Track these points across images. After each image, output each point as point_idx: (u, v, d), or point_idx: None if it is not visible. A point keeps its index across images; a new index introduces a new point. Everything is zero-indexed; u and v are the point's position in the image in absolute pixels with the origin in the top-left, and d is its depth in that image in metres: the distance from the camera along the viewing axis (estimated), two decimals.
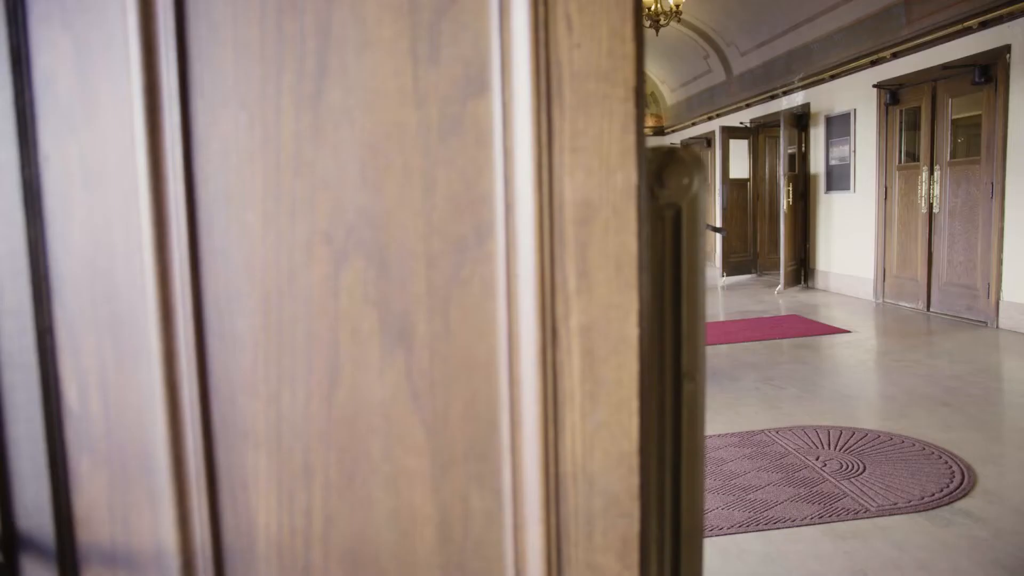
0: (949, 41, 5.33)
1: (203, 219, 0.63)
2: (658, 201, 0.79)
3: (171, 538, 0.64)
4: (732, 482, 2.58)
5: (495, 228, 0.61)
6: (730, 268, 8.42)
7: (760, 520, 2.27)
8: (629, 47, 0.59)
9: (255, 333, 0.64)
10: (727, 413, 3.41)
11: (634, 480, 0.65)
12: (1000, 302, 5.01)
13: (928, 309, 5.84)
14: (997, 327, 5.05)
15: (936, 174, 5.68)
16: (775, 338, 5.13)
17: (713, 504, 2.40)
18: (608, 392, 0.63)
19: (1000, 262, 4.99)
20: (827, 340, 5.02)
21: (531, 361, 0.62)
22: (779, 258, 7.46)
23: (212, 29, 0.62)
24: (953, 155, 5.55)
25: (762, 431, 3.12)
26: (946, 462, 2.67)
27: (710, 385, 3.92)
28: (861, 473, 2.60)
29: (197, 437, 0.64)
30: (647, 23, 6.47)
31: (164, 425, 0.64)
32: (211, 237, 0.63)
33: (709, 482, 2.59)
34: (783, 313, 6.21)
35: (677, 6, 6.30)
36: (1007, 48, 4.81)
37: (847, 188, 6.88)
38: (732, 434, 3.10)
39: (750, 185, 8.93)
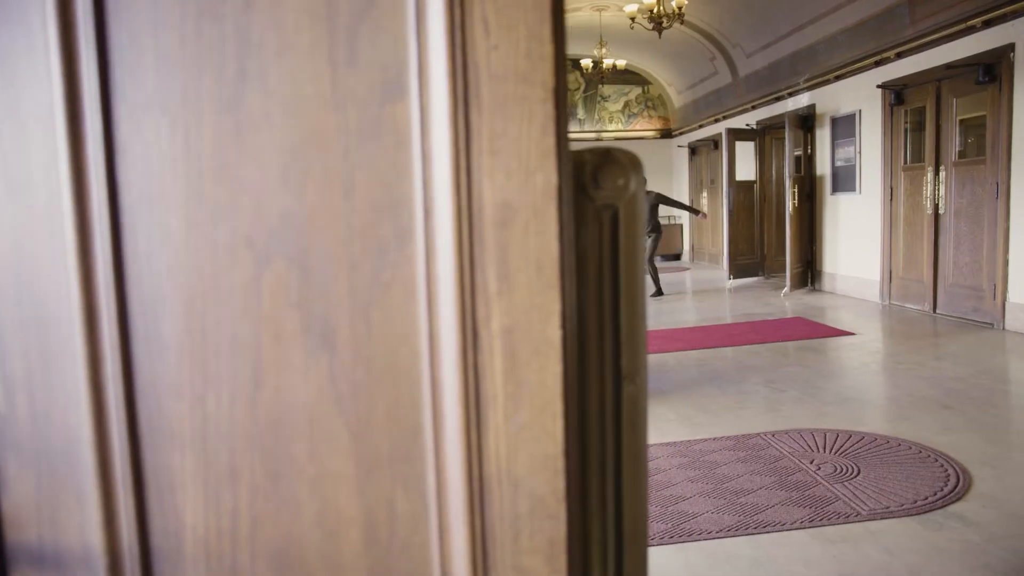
0: (953, 40, 5.29)
1: (127, 224, 0.64)
2: (595, 203, 0.79)
3: (98, 538, 0.65)
4: (724, 486, 2.56)
5: (415, 231, 0.62)
6: (737, 270, 8.38)
7: (750, 524, 2.25)
8: (547, 48, 0.59)
9: (180, 336, 0.65)
10: (726, 416, 3.39)
11: (560, 482, 0.65)
12: (1006, 303, 4.95)
13: (934, 311, 5.78)
14: (1004, 329, 4.99)
15: (941, 174, 5.62)
16: (779, 341, 5.09)
17: (704, 508, 2.38)
18: (531, 394, 0.63)
19: (1006, 263, 4.93)
20: (831, 343, 4.98)
21: (452, 363, 0.62)
22: (785, 260, 7.41)
23: (133, 36, 0.62)
24: (959, 155, 5.50)
25: (758, 434, 3.09)
26: (942, 465, 2.64)
27: (710, 388, 3.90)
28: (855, 476, 2.58)
29: (123, 439, 0.65)
30: (650, 25, 6.46)
31: (90, 427, 0.64)
32: (135, 242, 0.64)
33: (702, 486, 2.57)
34: (788, 316, 6.17)
35: (679, 8, 6.29)
36: (1011, 47, 4.76)
37: (853, 189, 6.83)
38: (728, 437, 3.08)
39: (757, 187, 8.88)
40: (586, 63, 9.15)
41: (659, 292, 7.71)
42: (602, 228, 0.78)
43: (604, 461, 0.80)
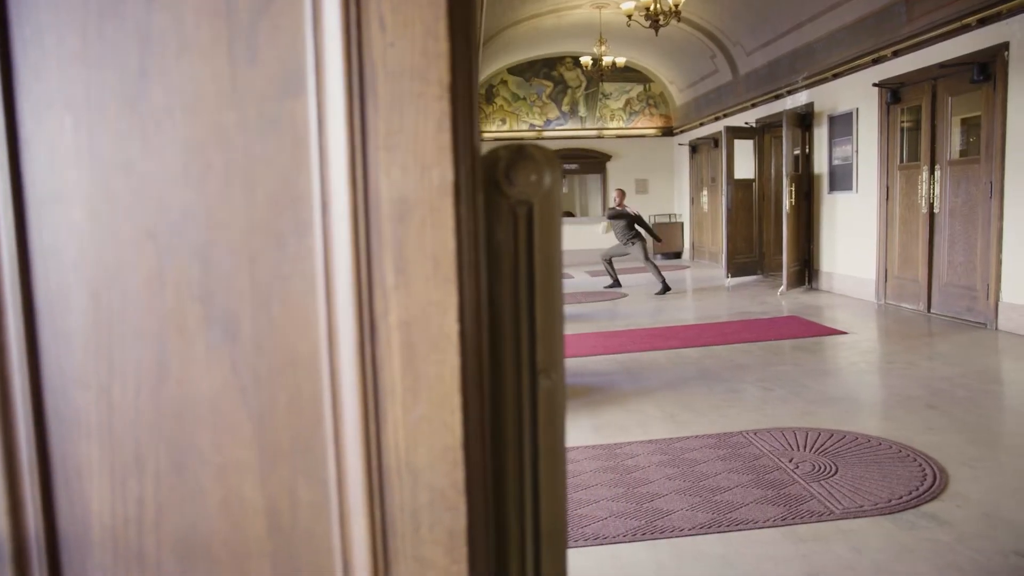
0: (949, 39, 5.26)
1: (32, 219, 0.65)
2: (509, 199, 0.80)
3: (3, 525, 0.67)
4: (701, 483, 2.57)
5: (314, 226, 0.63)
6: (735, 269, 8.37)
7: (723, 522, 2.26)
8: (443, 46, 0.60)
9: (86, 328, 0.66)
10: (711, 415, 3.39)
11: (459, 475, 0.66)
12: (999, 303, 4.93)
13: (929, 310, 5.76)
14: (996, 329, 4.97)
15: (937, 174, 5.60)
16: (771, 339, 5.09)
17: (679, 505, 2.39)
18: (430, 387, 0.64)
19: (999, 263, 4.91)
20: (823, 342, 4.98)
21: (350, 356, 0.64)
22: (783, 259, 7.40)
23: (36, 35, 0.64)
24: (954, 154, 5.48)
25: (741, 432, 3.10)
26: (920, 464, 2.64)
27: (698, 387, 3.91)
28: (832, 475, 2.58)
29: (29, 427, 0.66)
30: (647, 23, 6.45)
31: None
32: (40, 236, 0.65)
33: (679, 483, 2.58)
34: (783, 315, 6.16)
35: (676, 6, 6.27)
36: (1005, 46, 4.73)
37: (850, 188, 6.81)
38: (710, 435, 3.09)
39: (756, 186, 8.86)
40: (585, 60, 9.15)
41: (665, 289, 7.69)
42: (517, 224, 0.80)
43: (521, 456, 0.81)
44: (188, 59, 0.62)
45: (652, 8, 6.30)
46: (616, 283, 8.37)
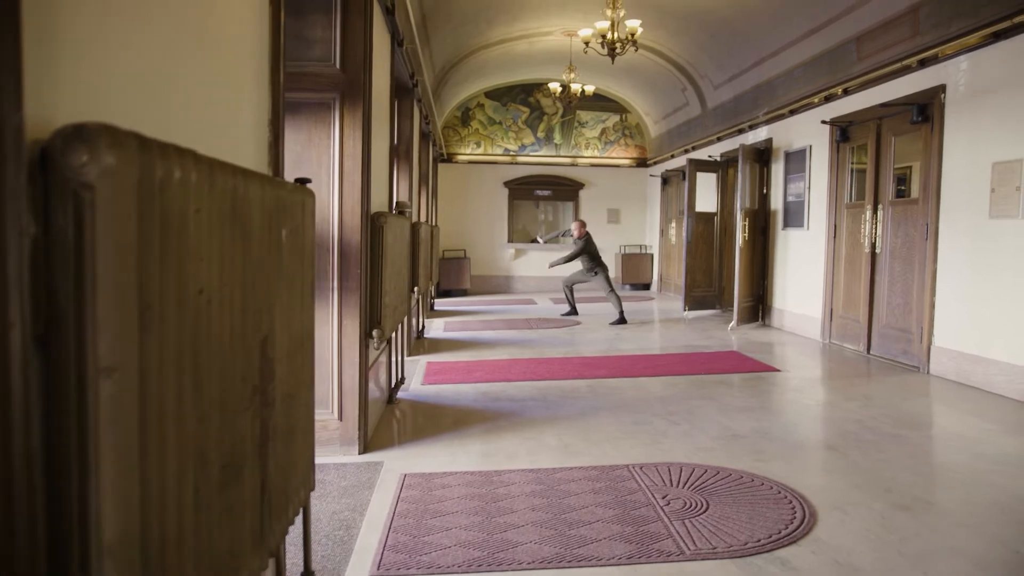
0: (894, 79, 5.26)
1: None
2: (69, 183, 0.71)
3: None
4: (563, 516, 2.46)
5: None
6: (693, 302, 8.29)
7: (567, 557, 2.15)
8: None
9: None
10: (605, 446, 3.29)
11: None
12: (932, 347, 4.85)
13: (868, 351, 5.68)
14: (928, 373, 4.89)
15: (880, 213, 5.56)
16: (703, 373, 4.99)
17: (529, 537, 2.28)
18: None
19: (932, 305, 4.85)
20: (754, 378, 4.88)
21: None
22: (734, 294, 7.31)
23: None
24: (894, 195, 5.44)
25: (626, 466, 2.99)
26: (793, 507, 2.53)
27: (607, 417, 3.80)
28: (701, 513, 2.47)
29: None
30: (604, 51, 6.43)
31: None
32: None
33: (541, 515, 2.47)
34: (725, 350, 6.07)
35: (632, 34, 6.27)
36: (942, 88, 4.72)
37: (801, 225, 6.76)
38: (594, 467, 2.98)
39: (717, 219, 8.82)
40: (554, 87, 9.14)
41: (621, 320, 7.61)
42: (80, 211, 0.71)
43: (84, 467, 0.72)
44: None
45: (608, 36, 6.29)
46: (573, 311, 8.28)
